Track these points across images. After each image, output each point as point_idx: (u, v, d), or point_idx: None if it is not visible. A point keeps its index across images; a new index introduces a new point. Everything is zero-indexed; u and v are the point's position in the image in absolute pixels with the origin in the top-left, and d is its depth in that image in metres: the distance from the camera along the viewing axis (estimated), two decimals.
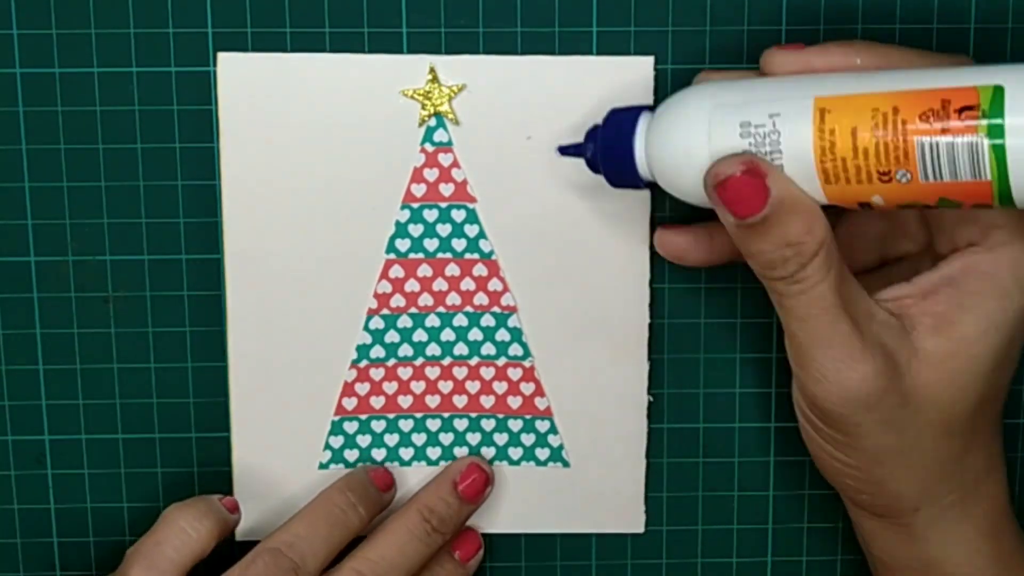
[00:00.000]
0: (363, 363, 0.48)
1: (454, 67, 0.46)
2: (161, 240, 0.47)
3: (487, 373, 0.48)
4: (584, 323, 0.48)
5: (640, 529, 0.50)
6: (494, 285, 0.48)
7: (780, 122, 0.37)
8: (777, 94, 0.38)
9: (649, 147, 0.41)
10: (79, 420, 0.48)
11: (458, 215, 0.47)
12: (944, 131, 0.35)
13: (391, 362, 0.48)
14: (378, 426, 0.48)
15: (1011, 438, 0.50)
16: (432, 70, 0.46)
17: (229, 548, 0.49)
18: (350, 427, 0.48)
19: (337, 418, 0.48)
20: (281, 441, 0.48)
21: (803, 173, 0.37)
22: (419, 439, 0.49)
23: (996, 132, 0.34)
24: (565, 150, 0.45)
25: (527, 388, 0.48)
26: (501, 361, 0.48)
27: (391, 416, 0.48)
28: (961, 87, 0.35)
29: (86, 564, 0.49)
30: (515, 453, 0.49)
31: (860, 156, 0.36)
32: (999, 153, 0.34)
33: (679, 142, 0.39)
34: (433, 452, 0.49)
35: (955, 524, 0.41)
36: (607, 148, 0.42)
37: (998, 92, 0.34)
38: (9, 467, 0.49)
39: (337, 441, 0.48)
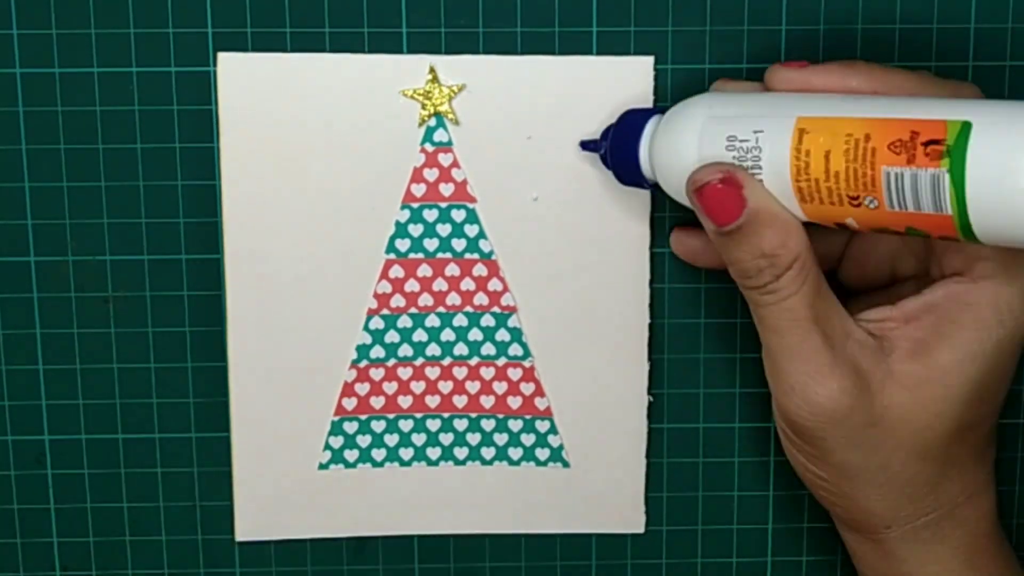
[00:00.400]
0: (363, 363, 0.48)
1: (454, 67, 0.46)
2: (161, 240, 0.47)
3: (487, 373, 0.48)
4: (584, 323, 0.48)
5: (640, 529, 0.50)
6: (494, 285, 0.48)
7: (763, 139, 0.38)
8: (765, 111, 0.39)
9: (652, 150, 0.42)
10: (79, 420, 0.48)
11: (458, 215, 0.47)
12: (909, 162, 0.35)
13: (391, 362, 0.48)
14: (378, 426, 0.48)
15: (1011, 438, 0.50)
16: (432, 70, 0.46)
17: (229, 548, 0.49)
18: (350, 427, 0.48)
19: (337, 418, 0.48)
20: (281, 441, 0.48)
21: (781, 190, 0.38)
22: (419, 439, 0.49)
23: (958, 167, 0.34)
24: (585, 145, 0.46)
25: (527, 388, 0.48)
26: (501, 361, 0.48)
27: (391, 416, 0.48)
28: (931, 119, 0.35)
29: (86, 564, 0.49)
30: (515, 453, 0.49)
31: (832, 179, 0.37)
32: (959, 188, 0.34)
33: (674, 148, 0.40)
34: (433, 452, 0.49)
35: (929, 545, 0.41)
36: (616, 148, 0.44)
37: (965, 127, 0.34)
38: (9, 467, 0.49)
39: (337, 441, 0.48)
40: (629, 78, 0.46)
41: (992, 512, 0.43)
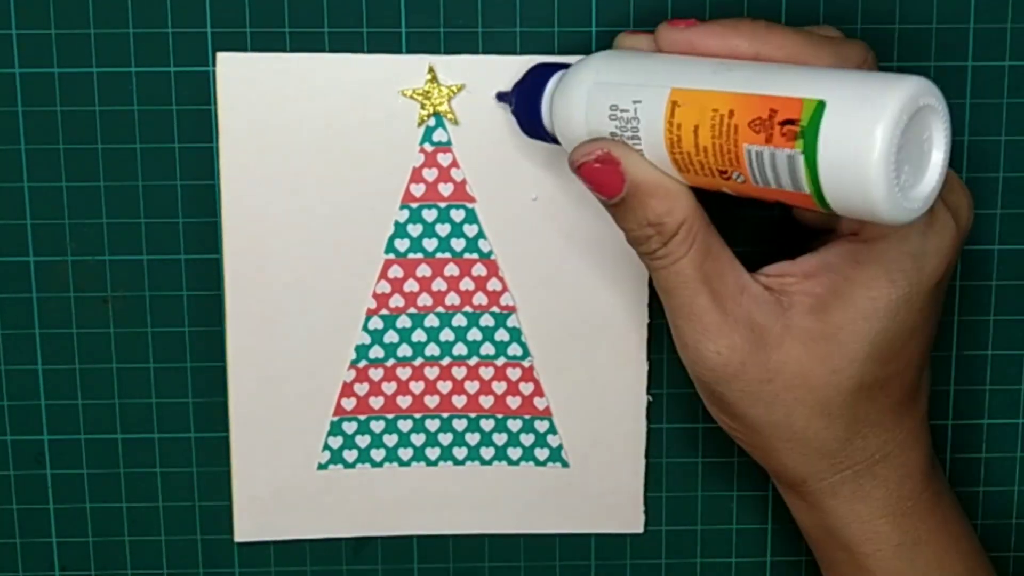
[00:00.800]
0: (362, 363, 0.48)
1: (453, 67, 0.46)
2: (160, 240, 0.47)
3: (486, 373, 0.48)
4: (583, 323, 0.48)
5: (639, 529, 0.50)
6: (493, 285, 0.48)
7: (640, 110, 0.38)
8: (644, 80, 0.38)
9: (550, 109, 0.42)
10: (78, 420, 0.48)
11: (457, 215, 0.47)
12: (767, 141, 0.35)
13: (390, 362, 0.48)
14: (377, 426, 0.48)
15: (1010, 438, 0.50)
16: (431, 70, 0.46)
17: (229, 548, 0.49)
18: (349, 427, 0.48)
19: (336, 418, 0.48)
20: (280, 441, 0.48)
21: (660, 160, 0.38)
22: (418, 439, 0.49)
23: (811, 148, 0.34)
24: (500, 96, 0.46)
25: (526, 388, 0.48)
26: (500, 361, 0.48)
27: (390, 416, 0.48)
28: (790, 97, 0.35)
29: (85, 564, 0.49)
30: (514, 453, 0.49)
31: (701, 153, 0.37)
32: (812, 169, 0.34)
33: (564, 114, 0.41)
34: (432, 452, 0.49)
35: (850, 503, 0.42)
36: (521, 104, 0.44)
37: (819, 107, 0.34)
38: (8, 467, 0.49)
39: (336, 441, 0.48)
40: None
41: (919, 471, 0.42)
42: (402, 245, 0.47)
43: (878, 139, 0.33)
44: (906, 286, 0.39)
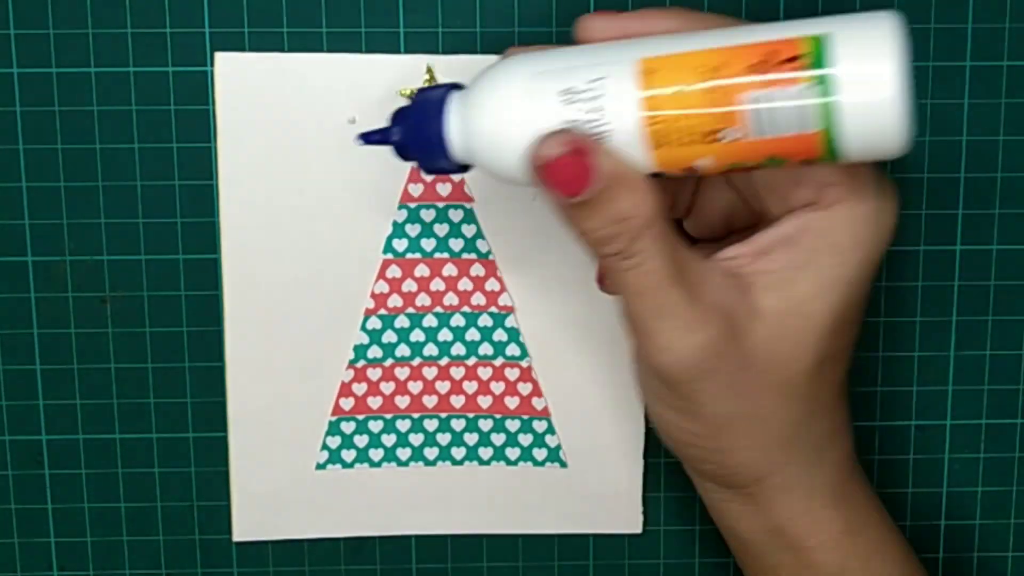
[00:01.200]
0: (360, 363, 0.48)
1: (451, 67, 0.46)
2: (158, 240, 0.47)
3: (484, 373, 0.48)
4: (582, 323, 0.48)
5: (638, 529, 0.50)
6: (491, 285, 0.47)
7: (604, 86, 0.36)
8: (600, 59, 0.36)
9: (465, 125, 0.38)
10: (76, 420, 0.48)
11: (455, 215, 0.47)
12: (769, 84, 0.34)
13: (388, 362, 0.48)
14: (375, 426, 0.48)
15: (1009, 438, 0.50)
16: (429, 70, 0.46)
17: (227, 548, 0.49)
18: (347, 427, 0.48)
19: (334, 418, 0.48)
20: (278, 441, 0.48)
21: (629, 139, 0.36)
22: (416, 439, 0.49)
23: (821, 81, 0.33)
24: (369, 137, 0.40)
25: (524, 388, 0.48)
26: (499, 361, 0.48)
27: (388, 416, 0.48)
28: (785, 39, 0.34)
29: (83, 564, 0.49)
30: (512, 453, 0.49)
31: (687, 117, 0.35)
32: (825, 103, 0.34)
33: (496, 116, 0.37)
34: (431, 452, 0.49)
35: (799, 493, 0.41)
36: (417, 130, 0.38)
37: (822, 41, 0.34)
38: (6, 467, 0.49)
39: (334, 441, 0.48)
40: None
41: (852, 453, 0.42)
42: (400, 245, 0.47)
43: (895, 66, 0.33)
44: (871, 245, 0.38)
